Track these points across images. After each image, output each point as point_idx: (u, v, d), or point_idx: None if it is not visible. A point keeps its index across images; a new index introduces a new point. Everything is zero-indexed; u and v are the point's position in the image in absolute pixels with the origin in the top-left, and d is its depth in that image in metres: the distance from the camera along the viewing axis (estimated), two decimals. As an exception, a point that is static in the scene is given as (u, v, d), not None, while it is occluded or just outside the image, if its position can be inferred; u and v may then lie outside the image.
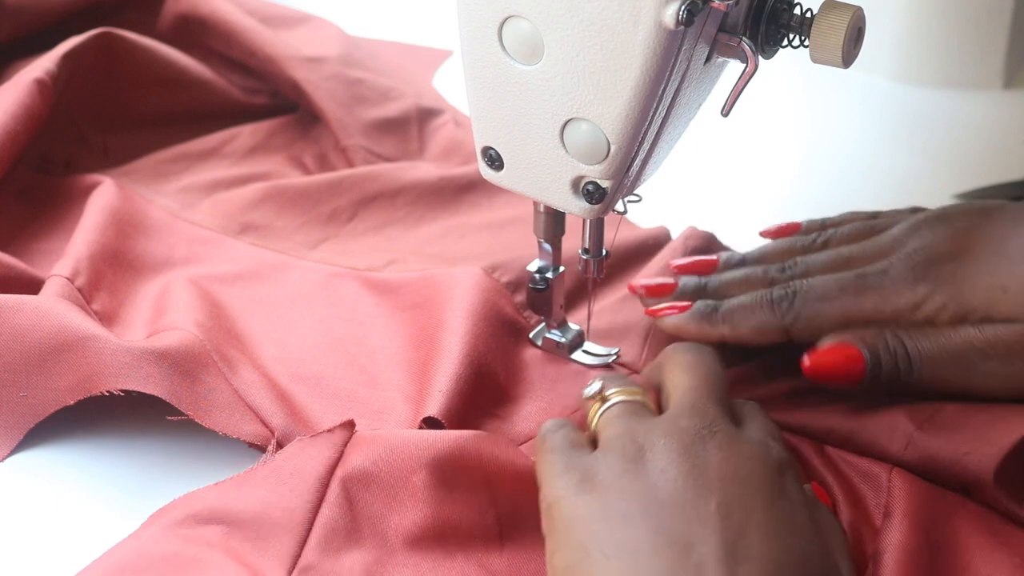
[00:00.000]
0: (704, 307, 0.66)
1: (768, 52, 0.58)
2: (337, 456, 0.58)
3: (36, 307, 0.64)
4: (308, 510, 0.56)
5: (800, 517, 0.52)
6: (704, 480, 0.52)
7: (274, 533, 0.56)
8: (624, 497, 0.52)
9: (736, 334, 0.65)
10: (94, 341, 0.62)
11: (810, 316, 0.64)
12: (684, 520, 0.50)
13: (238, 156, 0.84)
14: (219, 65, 0.88)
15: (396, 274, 0.73)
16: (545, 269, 0.67)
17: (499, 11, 0.56)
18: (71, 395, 0.62)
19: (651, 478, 0.52)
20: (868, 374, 0.61)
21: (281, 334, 0.70)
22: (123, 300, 0.71)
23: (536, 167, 0.60)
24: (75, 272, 0.69)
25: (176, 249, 0.76)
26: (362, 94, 0.86)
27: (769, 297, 0.64)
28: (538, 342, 0.69)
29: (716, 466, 0.52)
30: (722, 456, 0.53)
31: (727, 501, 0.51)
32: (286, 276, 0.74)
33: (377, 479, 0.57)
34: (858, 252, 0.66)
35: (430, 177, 0.80)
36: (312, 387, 0.65)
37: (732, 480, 0.52)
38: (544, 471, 0.55)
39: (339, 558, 0.55)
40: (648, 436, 0.54)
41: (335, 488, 0.57)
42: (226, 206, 0.79)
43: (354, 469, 0.57)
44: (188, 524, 0.56)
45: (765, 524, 0.51)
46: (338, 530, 0.56)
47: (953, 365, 0.61)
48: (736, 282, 0.67)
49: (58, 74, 0.79)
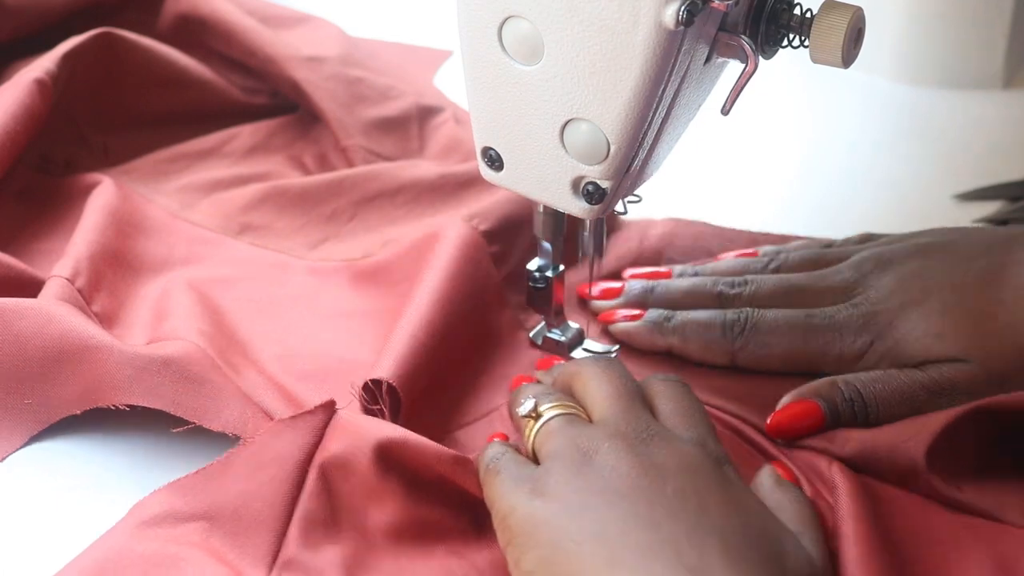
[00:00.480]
0: (657, 316, 0.68)
1: (768, 52, 0.58)
2: (316, 440, 0.58)
3: (38, 312, 0.63)
4: (287, 502, 0.56)
5: (750, 498, 0.55)
6: (655, 472, 0.54)
7: (253, 528, 0.56)
8: (581, 494, 0.53)
9: (684, 347, 0.68)
10: (97, 351, 0.62)
11: (757, 346, 0.67)
12: (646, 503, 0.52)
13: (238, 156, 0.84)
14: (219, 65, 0.88)
15: (388, 252, 0.74)
16: (545, 268, 0.67)
17: (499, 11, 0.56)
18: (76, 405, 0.62)
19: (604, 475, 0.54)
20: (827, 423, 0.63)
21: (282, 333, 0.70)
22: (123, 301, 0.71)
23: (536, 167, 0.60)
24: (75, 273, 0.69)
25: (176, 249, 0.76)
26: (362, 93, 0.86)
27: (723, 319, 0.67)
28: (538, 341, 0.69)
29: (663, 461, 0.54)
30: (666, 452, 0.55)
31: (681, 487, 0.53)
32: (287, 276, 0.74)
33: (356, 470, 0.57)
34: (807, 283, 0.68)
35: (430, 175, 0.80)
36: (318, 384, 0.65)
37: (680, 470, 0.54)
38: (493, 491, 0.56)
39: (319, 552, 0.56)
40: (591, 442, 0.55)
41: (313, 476, 0.57)
42: (225, 206, 0.79)
43: (333, 457, 0.57)
44: (169, 522, 0.56)
45: (721, 503, 0.53)
46: (317, 523, 0.56)
47: (904, 405, 0.63)
48: (684, 290, 0.69)
49: (58, 74, 0.79)
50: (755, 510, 0.54)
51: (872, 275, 0.67)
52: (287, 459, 0.57)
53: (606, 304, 0.70)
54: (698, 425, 0.58)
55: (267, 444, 0.58)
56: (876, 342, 0.65)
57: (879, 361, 0.65)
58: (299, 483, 0.57)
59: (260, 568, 0.55)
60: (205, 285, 0.72)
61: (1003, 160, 0.86)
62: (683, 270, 0.72)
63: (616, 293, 0.71)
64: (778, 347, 0.66)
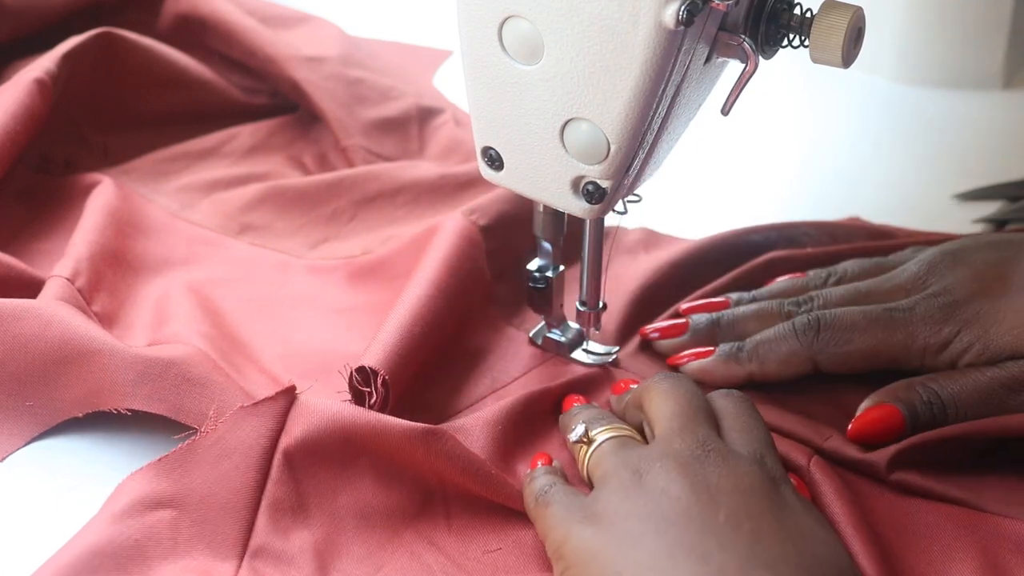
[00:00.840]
0: (729, 348, 0.66)
1: (768, 52, 0.58)
2: (279, 426, 0.58)
3: (38, 314, 0.63)
4: (254, 489, 0.57)
5: (808, 521, 0.53)
6: (707, 495, 0.52)
7: (222, 516, 0.56)
8: (631, 521, 0.52)
9: (764, 370, 0.66)
10: (99, 355, 0.62)
11: (838, 345, 0.64)
12: (696, 532, 0.51)
13: (237, 156, 0.84)
14: (219, 65, 0.88)
15: (387, 247, 0.74)
16: (545, 268, 0.67)
17: (499, 11, 0.56)
18: (78, 408, 0.62)
19: (654, 499, 0.53)
20: (907, 427, 0.62)
21: (284, 333, 0.70)
22: (123, 301, 0.71)
23: (536, 167, 0.60)
24: (75, 273, 0.69)
25: (176, 249, 0.76)
26: (362, 94, 0.86)
27: (792, 327, 0.65)
28: (538, 341, 0.69)
29: (716, 482, 0.53)
30: (720, 472, 0.53)
31: (734, 512, 0.52)
32: (287, 275, 0.75)
33: (321, 455, 0.58)
34: (874, 287, 0.67)
35: (430, 175, 0.80)
36: (321, 382, 0.65)
37: (734, 492, 0.52)
38: (546, 522, 0.56)
39: (288, 538, 0.56)
40: (643, 462, 0.55)
41: (279, 462, 0.57)
42: (225, 206, 0.79)
43: (297, 441, 0.58)
44: (137, 511, 0.56)
45: (776, 530, 0.51)
46: (285, 509, 0.57)
47: (984, 404, 0.62)
48: (752, 316, 0.67)
49: (58, 74, 0.79)
50: (811, 533, 0.52)
51: (943, 268, 0.65)
52: (251, 446, 0.57)
53: (671, 344, 0.68)
54: (757, 441, 0.56)
55: (229, 432, 0.58)
56: (963, 332, 0.63)
57: (964, 351, 0.63)
58: (264, 470, 0.57)
59: (231, 558, 0.55)
60: (205, 286, 0.72)
61: (1003, 160, 0.86)
62: (739, 297, 0.70)
63: (680, 330, 0.68)
64: (861, 342, 0.64)
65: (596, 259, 0.65)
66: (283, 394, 0.59)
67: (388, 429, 0.58)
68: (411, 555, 0.57)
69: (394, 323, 0.64)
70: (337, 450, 0.58)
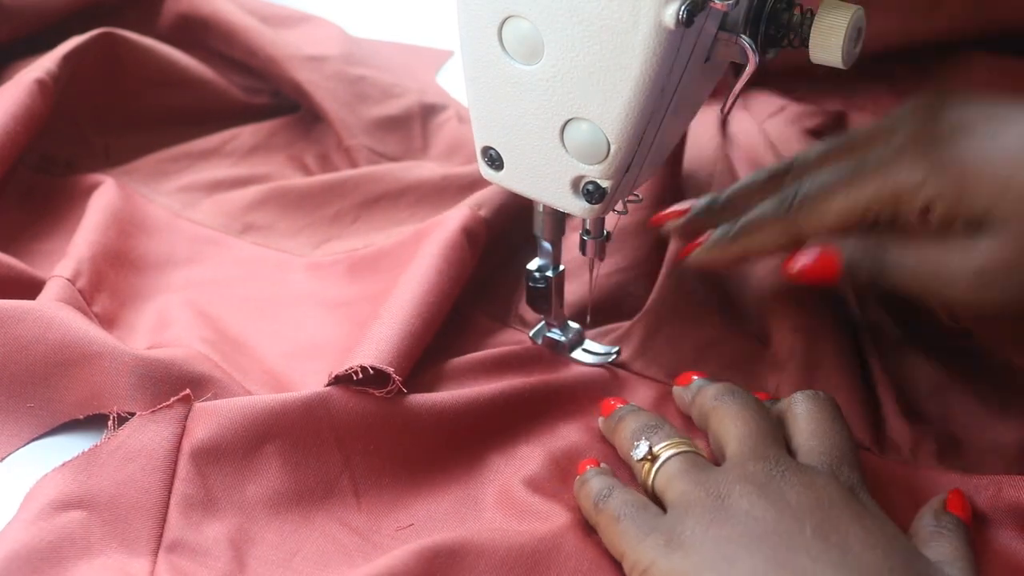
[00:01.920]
0: (720, 233, 0.66)
1: (768, 52, 0.58)
2: (180, 430, 0.59)
3: (39, 316, 0.63)
4: (162, 487, 0.58)
5: (890, 527, 0.54)
6: (790, 512, 0.53)
7: (133, 514, 0.57)
8: (719, 544, 0.52)
9: (751, 244, 0.65)
10: (100, 358, 0.62)
11: (817, 206, 0.62)
12: (786, 549, 0.51)
13: (239, 155, 0.84)
14: (220, 65, 0.88)
15: (390, 240, 0.74)
16: (545, 268, 0.67)
17: (499, 11, 0.56)
18: (78, 410, 0.62)
19: (740, 521, 0.53)
20: (843, 275, 0.61)
21: (288, 331, 0.70)
22: (124, 302, 0.71)
23: (536, 167, 0.60)
24: (76, 273, 0.69)
25: (178, 248, 0.76)
26: (364, 92, 0.86)
27: (778, 198, 0.64)
28: (538, 341, 0.69)
29: (796, 499, 0.53)
30: (798, 489, 0.54)
31: (819, 525, 0.52)
32: (289, 274, 0.75)
33: (226, 450, 0.59)
34: (855, 136, 0.63)
35: (433, 177, 0.80)
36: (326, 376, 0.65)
37: (816, 507, 0.53)
38: (621, 539, 0.55)
39: (202, 530, 0.57)
40: (722, 485, 0.55)
41: (184, 463, 0.58)
42: (227, 206, 0.79)
43: (201, 442, 0.59)
44: (49, 512, 0.56)
45: (863, 538, 0.52)
46: (195, 504, 0.58)
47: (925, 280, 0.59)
48: (745, 188, 0.67)
49: (59, 74, 0.79)
50: (893, 538, 0.53)
51: (927, 109, 0.60)
52: (154, 449, 0.59)
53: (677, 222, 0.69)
54: (832, 450, 0.57)
55: (131, 437, 0.59)
56: (935, 176, 0.58)
57: (937, 197, 0.58)
58: (170, 471, 0.58)
59: (145, 554, 0.56)
60: (207, 285, 0.73)
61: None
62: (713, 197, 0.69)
63: (681, 213, 0.69)
64: (835, 204, 0.61)
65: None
66: (179, 401, 0.61)
67: (288, 404, 0.60)
68: (325, 537, 0.58)
69: (395, 317, 0.64)
70: (241, 443, 0.59)
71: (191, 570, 0.56)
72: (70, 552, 0.55)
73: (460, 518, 0.60)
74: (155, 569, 0.56)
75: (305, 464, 0.60)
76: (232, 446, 0.59)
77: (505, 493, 0.61)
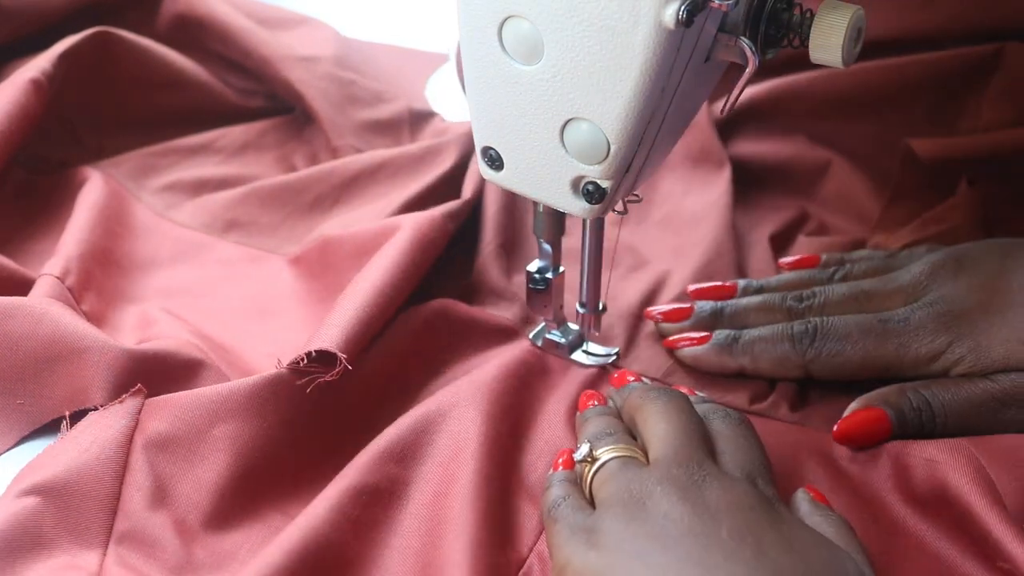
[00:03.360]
0: (724, 338, 0.67)
1: (768, 52, 0.58)
2: (133, 424, 0.61)
3: (29, 312, 0.64)
4: (114, 478, 0.59)
5: (806, 532, 0.54)
6: (708, 514, 0.53)
7: (86, 503, 0.58)
8: (635, 542, 0.53)
9: (755, 367, 0.66)
10: (88, 353, 0.62)
11: (830, 355, 0.65)
12: (701, 547, 0.51)
13: (229, 152, 0.84)
14: (217, 67, 0.88)
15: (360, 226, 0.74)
16: (545, 269, 0.67)
17: (499, 11, 0.56)
18: (67, 405, 0.62)
19: (657, 522, 0.53)
20: (895, 431, 0.62)
21: (272, 331, 0.70)
22: (109, 301, 0.71)
23: (536, 167, 0.60)
24: (65, 271, 0.69)
25: (161, 249, 0.76)
26: (355, 95, 0.86)
27: (790, 331, 0.65)
28: (538, 342, 0.69)
29: (715, 501, 0.54)
30: (718, 493, 0.54)
31: (736, 527, 0.52)
32: (273, 273, 0.75)
33: (176, 440, 0.60)
34: (877, 287, 0.67)
35: (413, 149, 0.80)
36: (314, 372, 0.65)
37: (734, 510, 0.53)
38: (553, 541, 0.56)
39: (152, 521, 0.58)
40: (644, 486, 0.55)
41: (137, 455, 0.60)
42: (210, 205, 0.79)
43: (153, 434, 0.60)
44: (11, 496, 0.57)
45: (778, 541, 0.52)
46: (146, 494, 0.59)
47: (974, 415, 0.62)
48: (754, 308, 0.68)
49: (54, 74, 0.79)
50: (813, 543, 0.53)
51: (945, 274, 0.65)
52: (107, 441, 0.60)
53: (674, 327, 0.69)
54: (751, 463, 0.57)
55: (84, 431, 0.60)
56: (955, 343, 0.63)
57: (956, 363, 0.63)
58: (122, 462, 0.59)
59: (95, 547, 0.57)
60: (190, 289, 0.73)
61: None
62: (747, 283, 0.70)
63: (684, 314, 0.69)
64: (852, 353, 0.65)
65: (596, 260, 0.65)
66: (132, 395, 0.62)
67: (236, 391, 0.61)
68: (269, 528, 0.59)
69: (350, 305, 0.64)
70: (191, 432, 0.60)
71: (139, 563, 0.57)
72: (22, 542, 0.56)
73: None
74: (104, 562, 0.56)
75: (248, 450, 0.60)
76: (182, 436, 0.60)
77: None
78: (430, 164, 0.79)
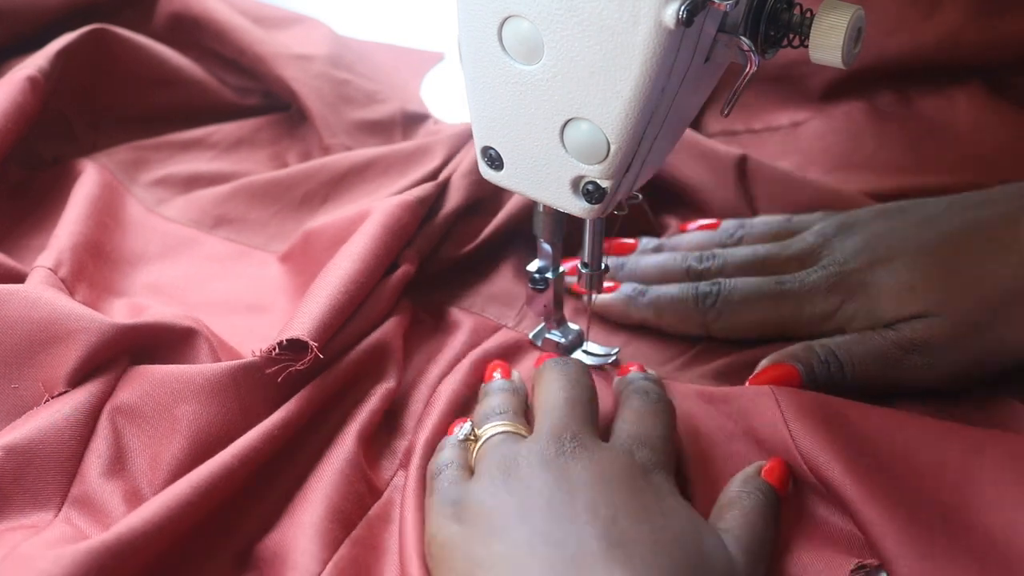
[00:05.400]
0: (632, 291, 0.70)
1: (768, 52, 0.58)
2: (109, 391, 0.61)
3: (24, 296, 0.64)
4: (80, 442, 0.60)
5: (671, 502, 0.55)
6: (568, 486, 0.54)
7: (47, 465, 0.59)
8: (495, 515, 0.54)
9: (658, 321, 0.69)
10: (85, 333, 0.62)
11: (731, 316, 0.68)
12: (554, 522, 0.53)
13: (222, 148, 0.84)
14: (213, 65, 0.87)
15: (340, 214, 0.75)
16: (545, 269, 0.67)
17: (499, 11, 0.56)
18: (61, 385, 0.62)
19: (518, 494, 0.55)
20: (805, 385, 0.64)
21: (261, 327, 0.70)
22: (100, 294, 0.71)
23: (536, 167, 0.60)
24: (58, 263, 0.69)
25: (151, 244, 0.76)
26: (348, 95, 0.86)
27: (695, 292, 0.68)
28: (538, 342, 0.69)
29: (578, 474, 0.55)
30: (583, 465, 0.55)
31: (592, 499, 0.54)
32: (261, 270, 0.75)
33: (141, 413, 0.61)
34: (773, 252, 0.70)
35: (403, 147, 0.80)
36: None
37: (594, 482, 0.55)
38: (427, 510, 0.58)
39: (106, 488, 0.59)
40: (513, 459, 0.56)
41: (104, 422, 0.60)
42: (201, 201, 0.79)
43: (122, 403, 0.61)
44: None
45: (634, 512, 0.54)
46: (104, 460, 0.59)
47: (880, 364, 0.64)
48: (652, 266, 0.71)
49: (50, 71, 0.79)
50: (672, 513, 0.55)
51: (837, 238, 0.68)
52: (80, 405, 0.61)
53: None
54: (639, 433, 0.59)
55: (65, 398, 0.61)
56: (846, 302, 0.66)
57: (850, 320, 0.66)
58: (91, 426, 0.60)
59: (50, 508, 0.58)
60: (179, 285, 0.73)
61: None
62: (646, 244, 0.73)
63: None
64: (750, 315, 0.68)
65: (597, 259, 0.66)
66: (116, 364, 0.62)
67: (205, 373, 0.61)
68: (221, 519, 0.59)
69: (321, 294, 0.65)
70: (158, 407, 0.61)
71: (85, 526, 0.58)
72: None
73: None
74: (53, 522, 0.57)
75: (207, 435, 0.60)
76: (148, 410, 0.61)
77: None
78: (419, 162, 0.79)
